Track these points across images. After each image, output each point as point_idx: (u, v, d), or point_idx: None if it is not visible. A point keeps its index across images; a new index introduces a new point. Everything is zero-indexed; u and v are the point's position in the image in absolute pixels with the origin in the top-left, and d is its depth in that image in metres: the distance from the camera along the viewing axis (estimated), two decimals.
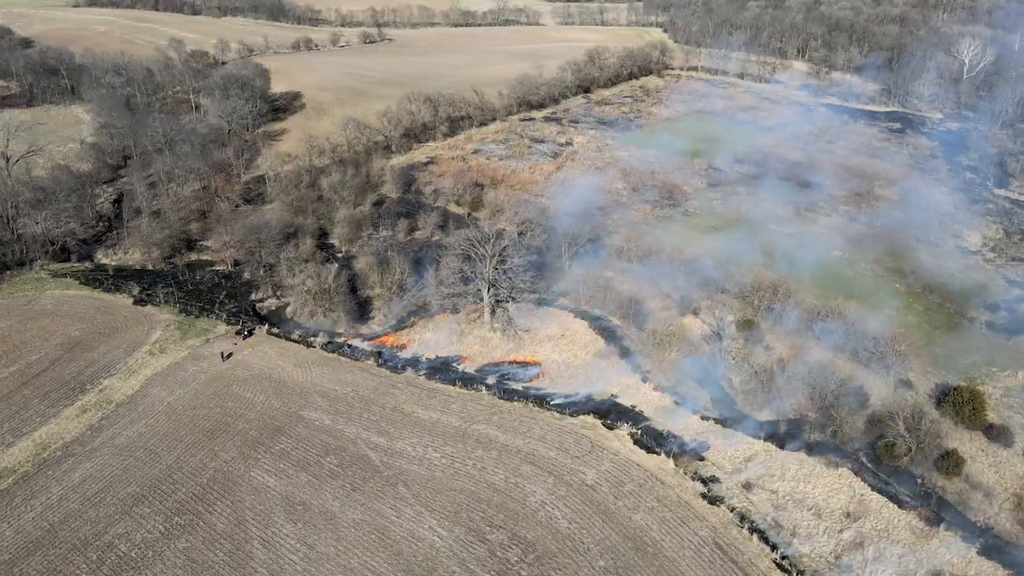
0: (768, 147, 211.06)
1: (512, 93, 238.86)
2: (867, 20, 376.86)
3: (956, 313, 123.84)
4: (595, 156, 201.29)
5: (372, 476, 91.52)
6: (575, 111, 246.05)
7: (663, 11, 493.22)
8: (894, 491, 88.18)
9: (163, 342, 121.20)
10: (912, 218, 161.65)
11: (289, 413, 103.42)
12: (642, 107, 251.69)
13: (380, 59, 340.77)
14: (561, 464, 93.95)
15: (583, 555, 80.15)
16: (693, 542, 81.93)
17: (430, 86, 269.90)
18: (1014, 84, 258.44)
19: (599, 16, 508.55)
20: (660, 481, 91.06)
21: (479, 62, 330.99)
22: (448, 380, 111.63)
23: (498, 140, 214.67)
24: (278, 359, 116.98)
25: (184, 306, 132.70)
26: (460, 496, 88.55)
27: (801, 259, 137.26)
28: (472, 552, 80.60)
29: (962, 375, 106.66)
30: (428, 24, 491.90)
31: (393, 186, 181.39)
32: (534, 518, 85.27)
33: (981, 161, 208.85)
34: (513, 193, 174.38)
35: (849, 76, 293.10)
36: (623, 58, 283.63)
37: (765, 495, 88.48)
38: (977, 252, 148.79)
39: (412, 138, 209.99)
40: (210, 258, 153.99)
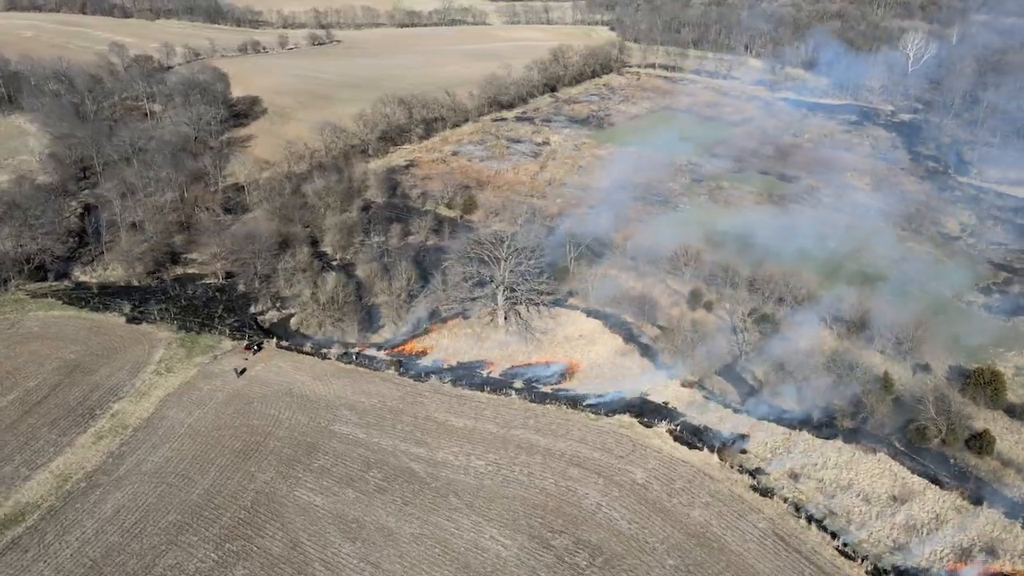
0: (740, 141, 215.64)
1: (482, 93, 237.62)
2: (808, 16, 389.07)
3: (954, 298, 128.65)
4: (575, 155, 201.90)
5: (421, 488, 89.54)
6: (545, 110, 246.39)
7: (608, 9, 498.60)
8: (933, 473, 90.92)
9: (168, 361, 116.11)
10: (890, 207, 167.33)
11: (319, 428, 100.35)
12: (610, 105, 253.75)
13: (332, 61, 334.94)
14: (607, 465, 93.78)
15: (650, 555, 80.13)
16: (754, 535, 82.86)
17: (389, 88, 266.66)
18: (957, 76, 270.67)
19: (544, 15, 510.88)
20: (708, 476, 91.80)
21: (433, 63, 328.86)
22: (475, 386, 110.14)
23: (475, 141, 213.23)
24: (295, 373, 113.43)
25: (182, 322, 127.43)
26: (514, 503, 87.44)
27: (798, 250, 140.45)
28: (540, 559, 79.67)
29: (973, 357, 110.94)
30: (373, 25, 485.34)
31: (378, 190, 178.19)
32: (593, 520, 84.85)
33: (939, 150, 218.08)
34: (502, 194, 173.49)
35: (801, 71, 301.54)
36: (586, 57, 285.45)
37: (813, 484, 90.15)
38: (958, 238, 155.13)
39: (388, 141, 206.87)
40: (198, 271, 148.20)
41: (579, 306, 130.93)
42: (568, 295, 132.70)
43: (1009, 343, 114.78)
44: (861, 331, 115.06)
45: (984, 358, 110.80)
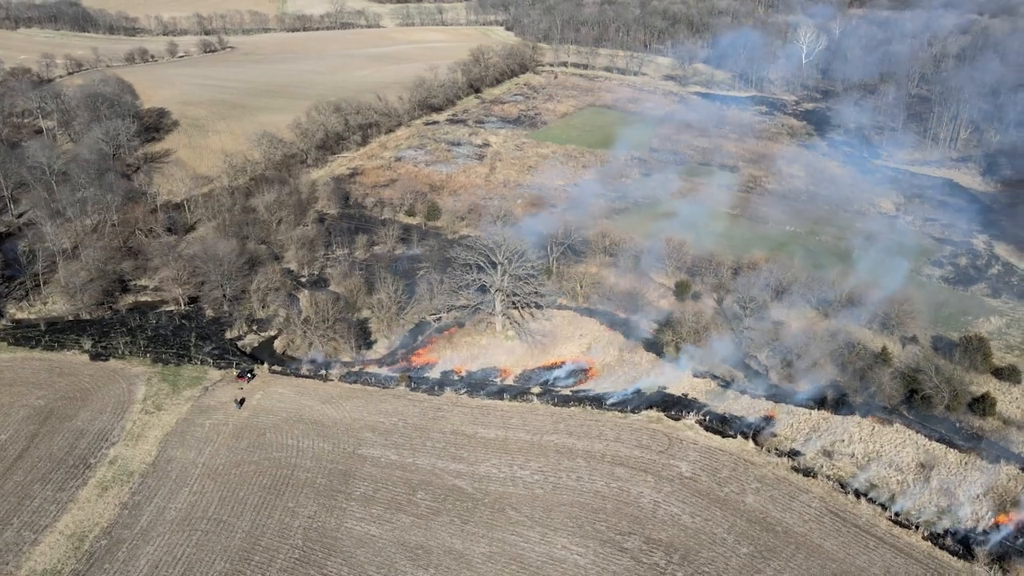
0: (671, 135, 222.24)
1: (412, 97, 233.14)
2: (700, 13, 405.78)
3: (913, 272, 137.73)
4: (519, 155, 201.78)
5: (474, 506, 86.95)
6: (474, 111, 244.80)
7: (503, 10, 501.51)
8: (948, 438, 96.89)
9: (154, 398, 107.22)
10: (828, 192, 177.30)
11: (346, 454, 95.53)
12: (537, 104, 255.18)
13: (234, 69, 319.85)
14: (650, 461, 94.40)
15: (722, 546, 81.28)
16: (811, 514, 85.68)
17: (303, 94, 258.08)
18: (847, 66, 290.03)
19: (439, 16, 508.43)
20: (749, 462, 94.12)
21: (342, 67, 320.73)
22: (493, 395, 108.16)
23: (414, 146, 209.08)
24: (300, 398, 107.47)
25: (156, 355, 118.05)
26: (573, 510, 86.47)
27: (763, 237, 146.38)
28: (618, 563, 79.16)
29: (948, 327, 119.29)
30: (262, 30, 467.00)
31: (329, 201, 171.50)
32: (656, 518, 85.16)
33: (849, 136, 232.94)
34: (462, 199, 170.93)
35: (704, 66, 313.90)
36: (504, 57, 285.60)
37: (846, 459, 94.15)
38: (896, 216, 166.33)
39: (326, 150, 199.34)
40: (153, 298, 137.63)
41: (568, 306, 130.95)
42: (556, 295, 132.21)
43: (974, 311, 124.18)
44: (847, 309, 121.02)
45: (958, 326, 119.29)
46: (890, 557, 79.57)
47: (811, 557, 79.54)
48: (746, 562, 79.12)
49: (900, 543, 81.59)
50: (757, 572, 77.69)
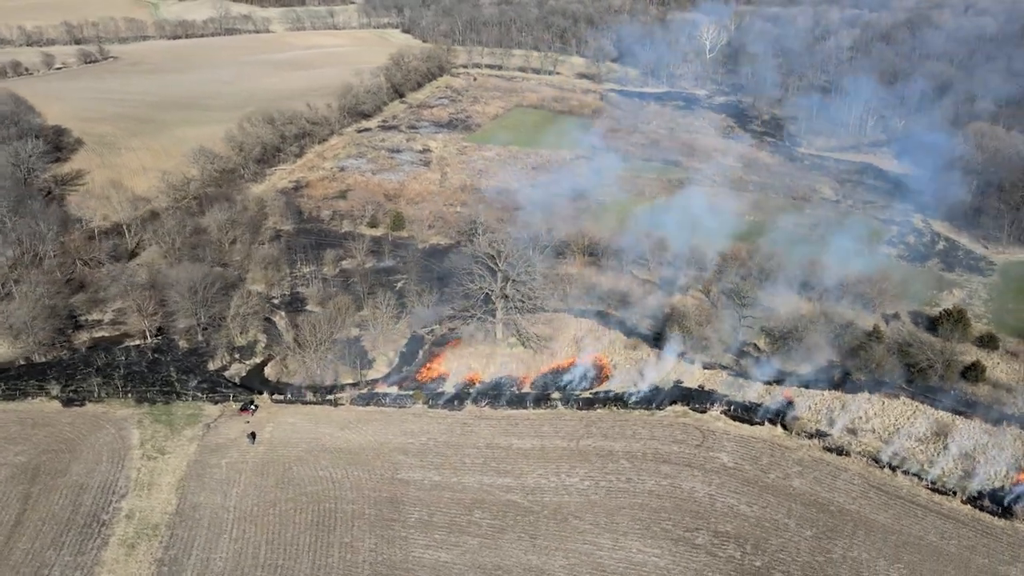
0: (607, 133, 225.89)
1: (341, 104, 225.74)
2: (598, 11, 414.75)
3: (872, 252, 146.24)
4: (464, 159, 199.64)
5: (536, 519, 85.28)
6: (404, 117, 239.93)
7: (395, 12, 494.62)
8: (952, 406, 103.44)
9: (153, 441, 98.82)
10: (771, 181, 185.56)
11: (386, 479, 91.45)
12: (465, 107, 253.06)
13: (126, 80, 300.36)
14: (691, 455, 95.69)
15: (787, 531, 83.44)
16: (856, 491, 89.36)
17: (218, 105, 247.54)
18: (749, 61, 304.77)
19: (330, 19, 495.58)
20: (783, 447, 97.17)
21: (246, 75, 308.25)
22: (515, 404, 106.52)
23: (353, 155, 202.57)
24: (314, 426, 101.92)
25: (138, 395, 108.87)
26: (634, 511, 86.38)
27: (728, 228, 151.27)
28: (696, 559, 79.72)
29: (920, 302, 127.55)
30: (140, 38, 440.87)
31: (282, 217, 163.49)
32: (716, 511, 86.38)
33: (767, 127, 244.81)
34: (420, 207, 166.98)
35: (614, 65, 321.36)
36: (422, 60, 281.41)
37: (870, 436, 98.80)
38: (838, 201, 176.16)
39: (263, 163, 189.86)
40: (111, 333, 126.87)
41: (561, 307, 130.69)
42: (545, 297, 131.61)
43: (938, 285, 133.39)
44: (828, 292, 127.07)
45: (927, 301, 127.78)
46: (940, 523, 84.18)
47: (871, 532, 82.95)
48: (814, 544, 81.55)
49: (944, 509, 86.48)
50: (827, 553, 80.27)
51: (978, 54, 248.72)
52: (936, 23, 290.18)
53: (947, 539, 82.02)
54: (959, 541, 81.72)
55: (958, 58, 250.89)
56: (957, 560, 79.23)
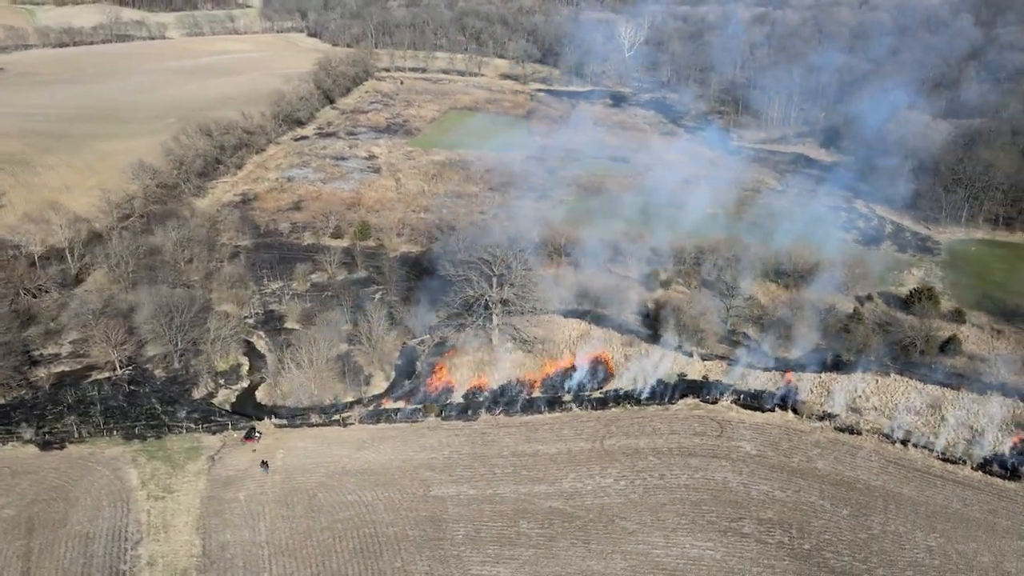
0: (549, 132, 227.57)
1: (274, 112, 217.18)
2: (511, 13, 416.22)
3: (829, 238, 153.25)
4: (414, 165, 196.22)
5: (584, 524, 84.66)
6: (340, 123, 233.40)
7: (300, 16, 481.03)
8: (938, 379, 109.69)
9: (156, 480, 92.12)
10: (718, 174, 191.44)
11: (419, 498, 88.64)
12: (399, 111, 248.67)
13: (23, 92, 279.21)
14: (714, 446, 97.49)
15: (825, 512, 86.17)
16: (876, 467, 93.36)
17: (136, 117, 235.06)
18: (669, 59, 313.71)
19: (230, 24, 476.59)
20: (798, 431, 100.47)
21: (158, 84, 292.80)
22: (530, 409, 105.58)
23: (296, 164, 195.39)
24: (328, 449, 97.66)
25: (125, 431, 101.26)
26: (676, 507, 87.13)
27: (694, 221, 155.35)
28: (748, 548, 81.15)
29: (885, 282, 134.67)
30: (22, 46, 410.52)
31: (237, 232, 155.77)
32: (753, 499, 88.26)
33: (698, 122, 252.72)
34: (382, 216, 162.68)
35: (538, 65, 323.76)
36: (348, 64, 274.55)
37: (873, 413, 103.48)
38: (784, 190, 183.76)
39: (203, 176, 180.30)
40: (73, 367, 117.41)
41: (550, 309, 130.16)
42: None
43: (899, 265, 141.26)
44: (803, 278, 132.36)
45: (891, 281, 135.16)
46: (959, 491, 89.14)
47: (901, 506, 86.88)
48: (853, 522, 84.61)
49: (959, 477, 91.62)
50: (868, 529, 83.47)
51: (881, 46, 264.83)
52: (838, 19, 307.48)
53: (969, 506, 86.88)
54: (980, 506, 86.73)
55: (865, 51, 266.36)
56: (983, 524, 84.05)
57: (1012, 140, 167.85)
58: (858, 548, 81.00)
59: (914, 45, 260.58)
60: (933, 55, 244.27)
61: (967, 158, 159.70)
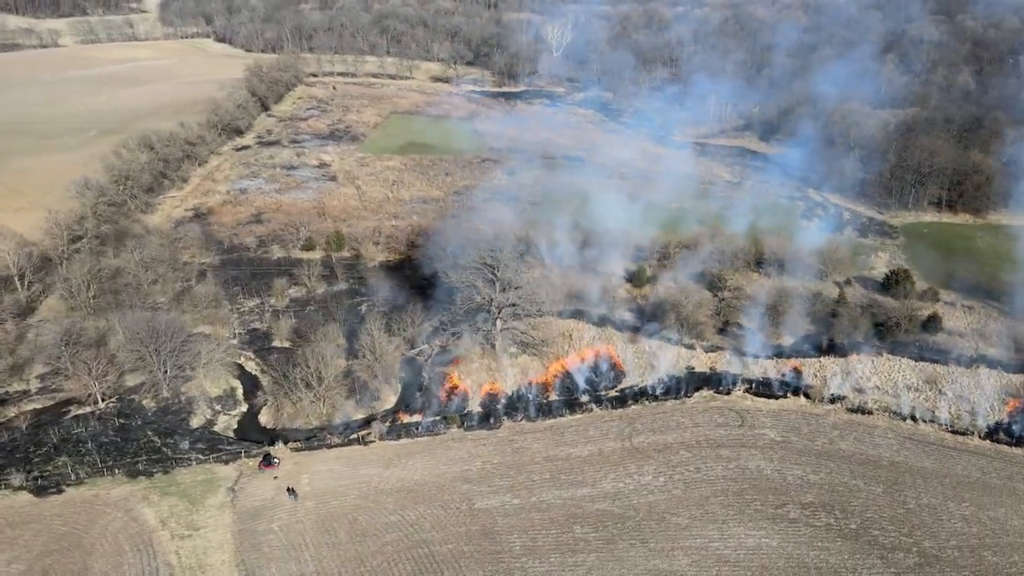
0: (495, 133, 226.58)
1: (212, 122, 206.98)
2: (432, 14, 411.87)
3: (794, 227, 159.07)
4: (370, 171, 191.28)
5: (637, 523, 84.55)
6: (280, 131, 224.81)
7: (205, 21, 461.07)
8: (927, 356, 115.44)
9: (177, 518, 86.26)
10: (672, 168, 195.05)
11: (464, 512, 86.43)
12: (339, 117, 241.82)
13: None
14: (739, 436, 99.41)
15: (860, 491, 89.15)
16: (894, 444, 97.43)
17: (49, 131, 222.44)
18: (598, 58, 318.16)
19: (129, 30, 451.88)
20: (814, 414, 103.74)
21: (66, 95, 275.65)
22: (551, 412, 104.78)
23: (245, 175, 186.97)
24: (355, 469, 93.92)
25: (128, 468, 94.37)
26: (720, 498, 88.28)
27: (663, 216, 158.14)
28: (802, 533, 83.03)
29: (859, 266, 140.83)
30: None
31: (200, 250, 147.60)
32: (790, 484, 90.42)
33: (638, 119, 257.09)
34: (352, 226, 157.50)
35: (468, 68, 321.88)
36: (279, 70, 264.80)
37: (875, 392, 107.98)
38: (740, 183, 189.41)
39: (149, 192, 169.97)
40: (46, 403, 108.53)
41: (543, 311, 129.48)
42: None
43: (864, 250, 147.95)
44: (784, 266, 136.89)
45: (863, 265, 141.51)
46: (974, 460, 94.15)
47: (927, 479, 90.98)
48: (888, 498, 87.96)
49: (970, 448, 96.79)
50: (904, 505, 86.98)
51: (801, 44, 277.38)
52: (757, 17, 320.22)
53: (987, 474, 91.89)
54: (997, 474, 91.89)
55: (785, 48, 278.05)
56: (1005, 490, 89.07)
57: (946, 128, 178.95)
58: (900, 523, 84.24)
59: (832, 41, 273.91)
60: (851, 50, 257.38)
61: (912, 146, 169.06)
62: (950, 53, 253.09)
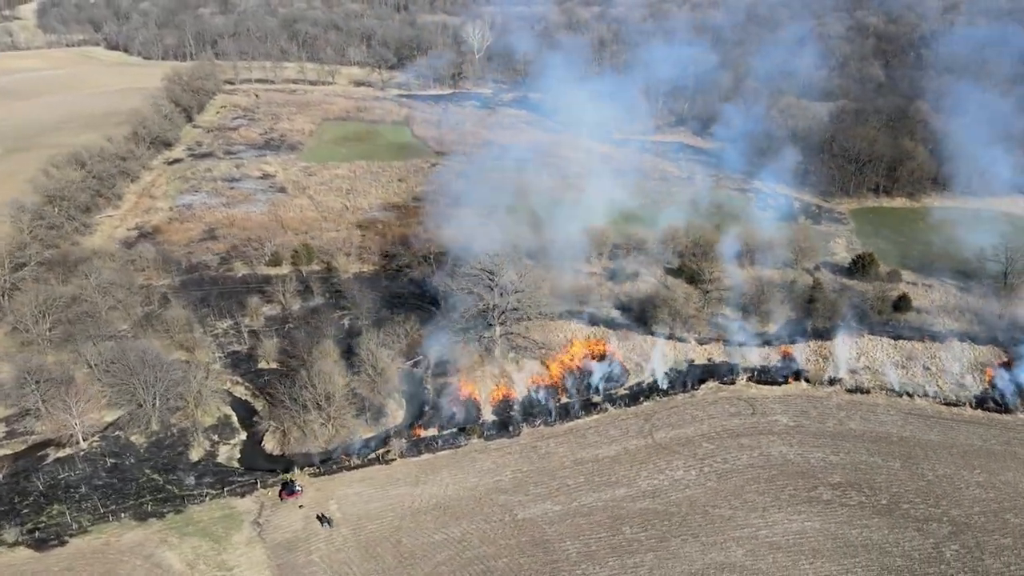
0: (436, 137, 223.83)
1: (138, 134, 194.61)
2: (343, 17, 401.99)
3: (752, 217, 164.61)
4: (319, 180, 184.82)
5: (682, 519, 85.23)
6: (210, 142, 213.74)
7: (93, 28, 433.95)
8: (904, 335, 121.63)
9: (205, 559, 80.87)
10: (613, 166, 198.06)
11: (510, 524, 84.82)
12: (270, 125, 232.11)
13: None
14: (754, 424, 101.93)
15: (880, 468, 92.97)
16: (898, 420, 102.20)
17: None
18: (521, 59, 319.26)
19: (8, 39, 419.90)
20: (817, 397, 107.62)
21: None
22: (569, 415, 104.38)
23: (185, 190, 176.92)
24: (384, 490, 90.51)
25: (135, 512, 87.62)
26: (754, 485, 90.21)
27: (627, 213, 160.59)
28: (839, 514, 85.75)
29: (821, 252, 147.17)
30: None
31: (158, 272, 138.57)
32: (814, 466, 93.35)
33: (571, 118, 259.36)
34: (317, 238, 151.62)
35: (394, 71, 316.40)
36: (200, 79, 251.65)
37: (867, 372, 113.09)
38: (690, 177, 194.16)
39: (86, 212, 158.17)
40: (16, 448, 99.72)
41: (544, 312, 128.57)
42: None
43: (823, 237, 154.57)
44: (754, 257, 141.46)
45: (825, 251, 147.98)
46: (973, 429, 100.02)
47: (936, 450, 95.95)
48: (908, 472, 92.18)
49: (966, 418, 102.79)
50: (923, 477, 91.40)
51: (720, 40, 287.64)
52: (673, 16, 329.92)
53: (987, 441, 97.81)
54: (996, 440, 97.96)
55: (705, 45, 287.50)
56: (1007, 455, 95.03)
57: (877, 117, 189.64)
58: (925, 495, 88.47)
59: (748, 38, 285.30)
60: (767, 46, 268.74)
61: (851, 135, 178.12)
62: (858, 48, 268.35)
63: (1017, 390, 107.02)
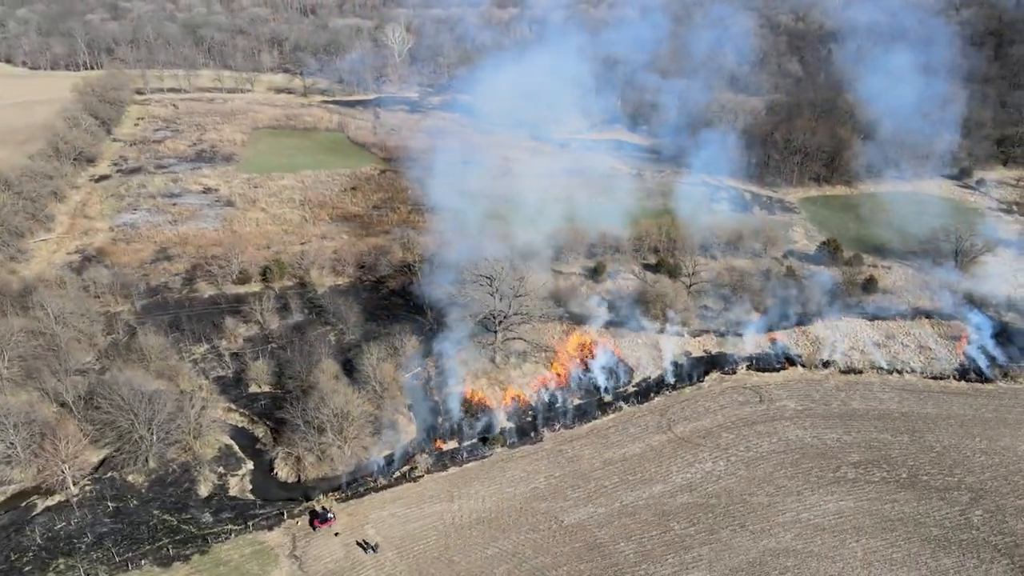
0: (381, 143, 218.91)
1: (56, 150, 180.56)
2: (248, 22, 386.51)
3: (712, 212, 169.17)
4: (267, 191, 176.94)
5: (724, 511, 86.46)
6: (137, 156, 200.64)
7: None
8: (879, 315, 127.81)
9: None
10: (573, 167, 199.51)
11: (557, 531, 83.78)
12: (197, 136, 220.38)
13: None
14: (765, 411, 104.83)
15: (891, 443, 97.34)
16: (895, 397, 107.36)
17: None
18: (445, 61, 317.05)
19: None
20: (815, 380, 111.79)
21: None
22: (585, 417, 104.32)
23: (123, 208, 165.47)
24: (420, 508, 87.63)
25: (156, 557, 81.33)
26: (780, 470, 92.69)
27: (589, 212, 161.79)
28: (866, 491, 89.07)
29: (784, 242, 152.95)
30: None
31: (116, 297, 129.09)
32: (830, 447, 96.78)
33: (504, 119, 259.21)
34: (285, 253, 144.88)
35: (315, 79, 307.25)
36: (113, 89, 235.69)
37: (856, 354, 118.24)
38: (640, 174, 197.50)
39: (19, 236, 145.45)
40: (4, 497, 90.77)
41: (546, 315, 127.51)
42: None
43: (780, 227, 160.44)
44: (726, 247, 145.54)
45: (788, 239, 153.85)
46: (964, 400, 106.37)
47: (936, 422, 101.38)
48: (917, 446, 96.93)
49: (953, 389, 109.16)
50: (932, 449, 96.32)
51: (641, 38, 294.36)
52: (592, 16, 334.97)
53: (979, 410, 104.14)
54: (986, 408, 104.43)
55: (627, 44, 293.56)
56: (999, 422, 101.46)
57: (811, 110, 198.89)
58: (939, 465, 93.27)
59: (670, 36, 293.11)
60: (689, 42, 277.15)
61: (792, 128, 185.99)
62: (773, 44, 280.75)
63: (990, 360, 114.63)
